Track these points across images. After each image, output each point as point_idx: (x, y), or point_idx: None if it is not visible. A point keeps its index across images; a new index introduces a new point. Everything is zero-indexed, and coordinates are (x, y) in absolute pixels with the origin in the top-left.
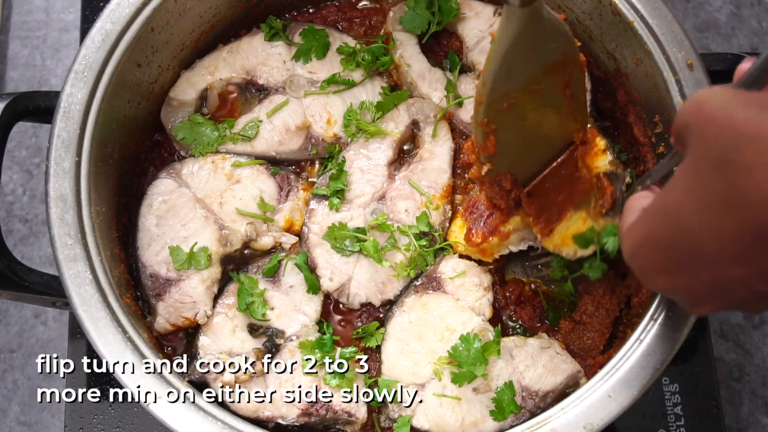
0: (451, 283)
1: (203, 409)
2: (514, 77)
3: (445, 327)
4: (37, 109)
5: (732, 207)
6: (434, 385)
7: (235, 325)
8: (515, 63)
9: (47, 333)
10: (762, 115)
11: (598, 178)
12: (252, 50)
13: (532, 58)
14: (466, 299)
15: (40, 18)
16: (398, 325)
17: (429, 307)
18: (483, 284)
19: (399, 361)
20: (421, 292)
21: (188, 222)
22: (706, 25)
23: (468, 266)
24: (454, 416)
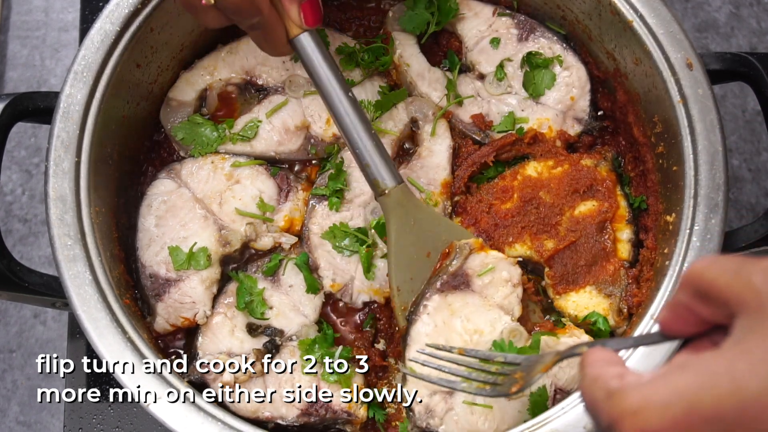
0: (479, 280)
1: (203, 410)
2: (415, 274)
3: (474, 329)
4: (37, 109)
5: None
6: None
7: (234, 325)
8: (409, 259)
9: (47, 333)
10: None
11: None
12: (251, 50)
13: (423, 251)
14: (494, 297)
15: (39, 18)
16: (423, 331)
17: (455, 307)
18: (512, 279)
19: (424, 368)
20: (446, 292)
21: (188, 222)
22: (705, 25)
23: (496, 260)
24: (487, 424)
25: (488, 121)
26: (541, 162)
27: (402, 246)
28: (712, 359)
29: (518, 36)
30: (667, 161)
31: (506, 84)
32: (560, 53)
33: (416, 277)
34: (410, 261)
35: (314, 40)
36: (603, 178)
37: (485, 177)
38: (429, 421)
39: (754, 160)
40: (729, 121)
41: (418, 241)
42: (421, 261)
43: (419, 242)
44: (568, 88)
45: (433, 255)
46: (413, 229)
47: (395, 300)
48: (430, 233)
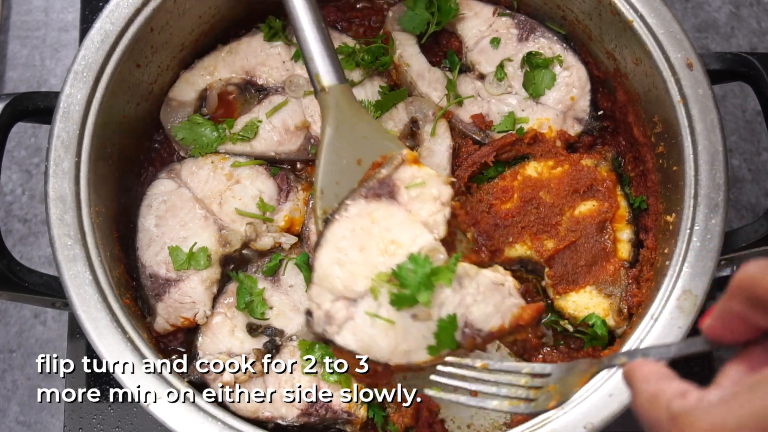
0: (406, 192)
1: (203, 410)
2: (342, 178)
3: (391, 240)
4: (37, 109)
5: None
6: (368, 302)
7: (234, 325)
8: (339, 161)
9: (47, 333)
10: None
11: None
12: (251, 50)
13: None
14: (419, 213)
15: (39, 18)
16: (339, 233)
17: (376, 216)
18: (441, 198)
19: (333, 271)
20: (370, 199)
21: (188, 222)
22: (705, 25)
23: (428, 176)
24: (386, 340)
25: (488, 121)
26: (541, 162)
27: (334, 148)
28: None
29: (518, 36)
30: (668, 161)
31: (506, 84)
32: (560, 53)
33: (342, 182)
34: (340, 165)
35: None
36: (603, 178)
37: (485, 177)
38: (326, 327)
39: (754, 160)
40: (729, 121)
41: (351, 146)
42: (351, 167)
43: (352, 147)
44: (568, 88)
45: (364, 163)
46: (348, 133)
47: (317, 203)
48: (366, 141)
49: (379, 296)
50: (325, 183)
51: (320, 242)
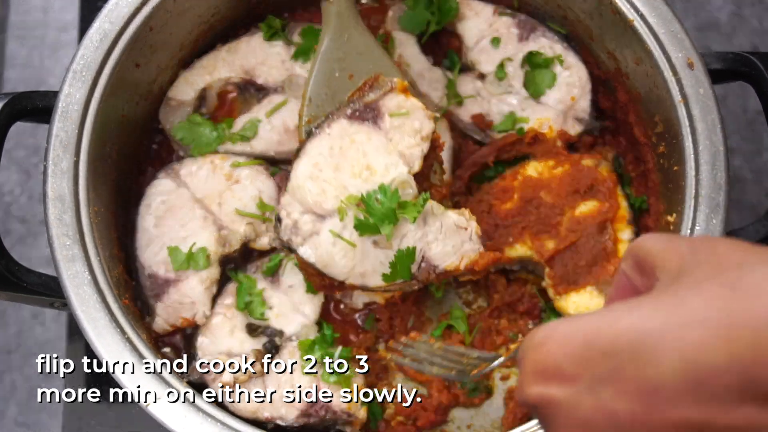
0: (389, 120)
1: (203, 410)
2: (331, 88)
3: (366, 165)
4: (36, 109)
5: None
6: (334, 222)
7: (234, 326)
8: (331, 71)
9: (45, 333)
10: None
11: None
12: (251, 50)
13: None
14: (399, 143)
15: (38, 17)
16: (317, 148)
17: (356, 138)
18: (423, 132)
19: (306, 184)
20: (353, 120)
21: (187, 222)
22: (706, 25)
23: (413, 107)
24: (344, 261)
25: (488, 121)
26: (541, 162)
27: (328, 59)
28: (617, 305)
29: (519, 35)
30: (668, 161)
31: (507, 84)
32: (561, 53)
33: (331, 94)
34: (331, 77)
35: None
36: (604, 179)
37: (485, 177)
38: (292, 236)
39: (756, 160)
40: (730, 121)
41: (346, 59)
42: (342, 81)
43: (347, 61)
44: (569, 88)
45: (356, 79)
46: (345, 45)
47: (303, 109)
48: (360, 57)
49: (345, 218)
50: (314, 92)
51: (299, 154)
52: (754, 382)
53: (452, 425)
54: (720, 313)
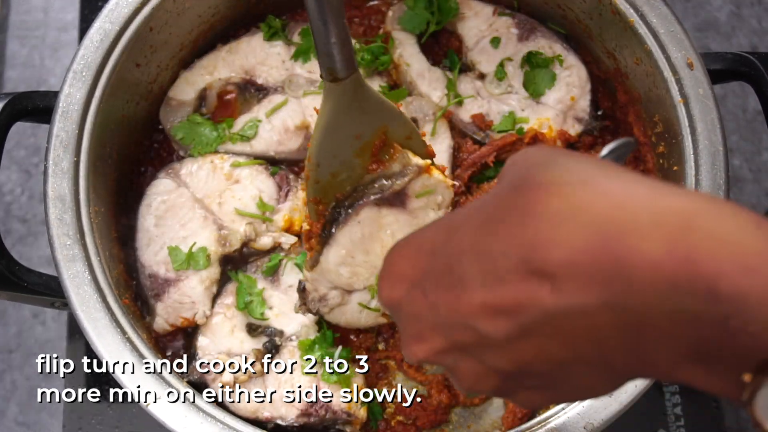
0: (416, 201)
1: (203, 410)
2: (339, 152)
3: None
4: (36, 108)
5: (515, 219)
6: (363, 295)
7: (234, 325)
8: (338, 138)
9: (46, 333)
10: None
11: None
12: (251, 50)
13: (353, 133)
14: (423, 219)
15: (38, 17)
16: (348, 236)
17: (384, 222)
18: (444, 203)
19: (339, 270)
20: (381, 206)
21: (187, 222)
22: (706, 25)
23: (437, 183)
24: (370, 322)
25: (488, 121)
26: None
27: (334, 129)
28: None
29: (519, 35)
30: (668, 161)
31: (506, 84)
32: (561, 53)
33: (339, 156)
34: (337, 141)
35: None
36: None
37: (485, 177)
38: (320, 306)
39: (755, 160)
40: (730, 120)
41: (352, 123)
42: (349, 140)
43: (353, 124)
44: (569, 88)
45: (364, 137)
46: (351, 113)
47: (310, 173)
48: (367, 116)
49: (374, 293)
50: (321, 157)
51: (329, 241)
52: (530, 262)
53: (452, 425)
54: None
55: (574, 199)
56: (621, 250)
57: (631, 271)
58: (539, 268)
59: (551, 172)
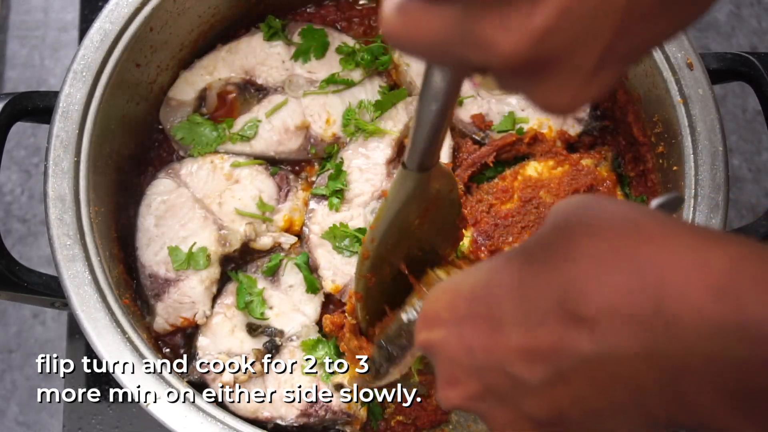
0: None
1: (203, 410)
2: (400, 230)
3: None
4: (36, 109)
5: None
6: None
7: (234, 325)
8: (404, 219)
9: (46, 333)
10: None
11: None
12: (251, 50)
13: (417, 209)
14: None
15: (38, 17)
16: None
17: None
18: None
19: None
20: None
21: (187, 222)
22: (705, 25)
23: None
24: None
25: (488, 121)
26: (541, 162)
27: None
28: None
29: None
30: (668, 161)
31: None
32: None
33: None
34: (404, 221)
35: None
36: (603, 178)
37: (485, 177)
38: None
39: (755, 160)
40: (729, 121)
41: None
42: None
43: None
44: None
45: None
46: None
47: (369, 251)
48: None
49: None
50: (383, 238)
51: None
52: (566, 307)
53: (452, 425)
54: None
55: (616, 243)
56: (663, 295)
57: (673, 316)
58: (577, 312)
59: (594, 216)
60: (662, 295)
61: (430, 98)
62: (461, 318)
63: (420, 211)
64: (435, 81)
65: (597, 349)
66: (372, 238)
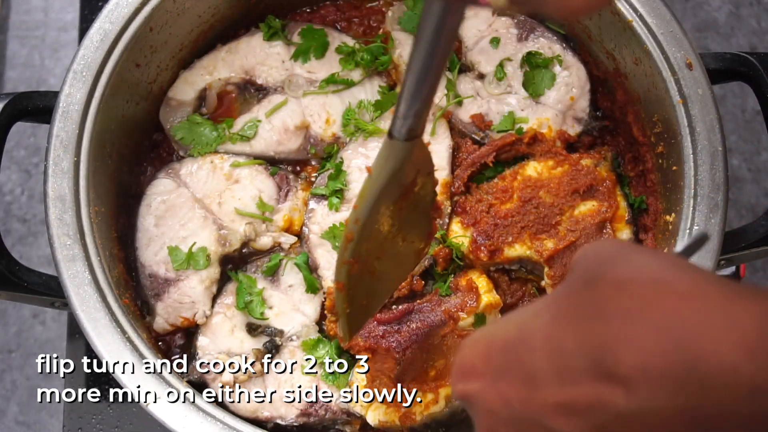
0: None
1: (203, 410)
2: (382, 213)
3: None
4: (36, 109)
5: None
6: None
7: (234, 325)
8: (388, 197)
9: (46, 333)
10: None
11: None
12: (251, 50)
13: (400, 189)
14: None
15: (38, 18)
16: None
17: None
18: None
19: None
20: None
21: (187, 222)
22: (705, 25)
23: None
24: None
25: (488, 121)
26: (540, 162)
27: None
28: (519, 309)
29: (518, 36)
30: (667, 161)
31: (506, 84)
32: (560, 53)
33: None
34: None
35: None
36: (603, 178)
37: (485, 177)
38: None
39: (754, 159)
40: (729, 121)
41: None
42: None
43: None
44: (568, 88)
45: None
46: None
47: (354, 233)
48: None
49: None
50: (369, 218)
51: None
52: (603, 364)
53: None
54: (571, 303)
55: (645, 298)
56: (695, 353)
57: (707, 375)
58: (612, 371)
59: (623, 269)
60: (694, 355)
61: (426, 36)
62: (496, 370)
63: (402, 191)
64: (432, 13)
65: (633, 406)
66: (356, 218)
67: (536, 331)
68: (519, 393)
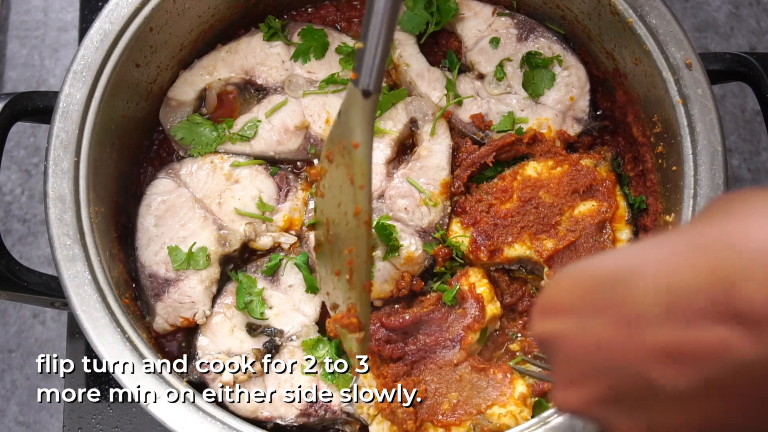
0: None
1: (203, 410)
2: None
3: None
4: (36, 109)
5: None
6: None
7: (234, 325)
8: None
9: (46, 333)
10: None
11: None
12: (251, 50)
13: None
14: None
15: (38, 18)
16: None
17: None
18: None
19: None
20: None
21: (187, 222)
22: (704, 25)
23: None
24: None
25: (488, 121)
26: (540, 162)
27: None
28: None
29: (518, 36)
30: (667, 161)
31: (506, 84)
32: (560, 53)
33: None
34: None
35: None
36: (602, 178)
37: (485, 177)
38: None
39: (754, 160)
40: (728, 121)
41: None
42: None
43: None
44: (568, 88)
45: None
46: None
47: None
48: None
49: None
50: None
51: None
52: (725, 303)
53: None
54: (694, 240)
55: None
56: None
57: None
58: (737, 312)
59: (753, 203)
60: None
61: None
62: (592, 307)
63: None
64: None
65: (761, 354)
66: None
67: (647, 266)
68: (617, 335)
